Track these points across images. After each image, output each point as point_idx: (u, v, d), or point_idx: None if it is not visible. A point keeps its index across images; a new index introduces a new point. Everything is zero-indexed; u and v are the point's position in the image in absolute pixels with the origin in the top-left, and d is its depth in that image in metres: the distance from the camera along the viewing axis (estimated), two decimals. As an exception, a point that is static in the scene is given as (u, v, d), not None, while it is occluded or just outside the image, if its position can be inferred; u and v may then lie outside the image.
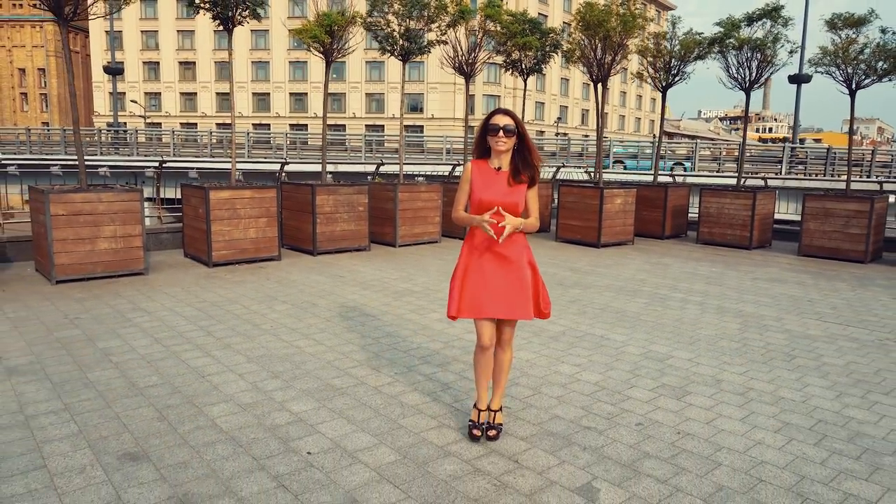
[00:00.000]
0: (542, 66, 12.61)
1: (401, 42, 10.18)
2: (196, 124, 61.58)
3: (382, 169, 12.56)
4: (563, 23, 68.31)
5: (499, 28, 11.25)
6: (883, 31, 9.73)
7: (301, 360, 4.57)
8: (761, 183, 14.29)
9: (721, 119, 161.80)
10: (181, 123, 61.11)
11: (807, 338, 5.51)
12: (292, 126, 59.00)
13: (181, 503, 2.69)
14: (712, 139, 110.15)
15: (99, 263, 7.10)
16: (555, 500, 2.80)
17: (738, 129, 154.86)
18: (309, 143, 38.15)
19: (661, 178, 13.52)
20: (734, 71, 11.19)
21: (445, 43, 10.56)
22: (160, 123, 60.71)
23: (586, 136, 60.71)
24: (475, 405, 3.39)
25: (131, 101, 55.42)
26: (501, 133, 3.08)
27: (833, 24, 10.10)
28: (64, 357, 4.52)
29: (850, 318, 6.25)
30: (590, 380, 4.32)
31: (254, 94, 63.28)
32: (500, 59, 12.34)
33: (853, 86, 9.94)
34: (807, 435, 3.53)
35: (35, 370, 4.24)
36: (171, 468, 2.98)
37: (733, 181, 16.13)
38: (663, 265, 9.15)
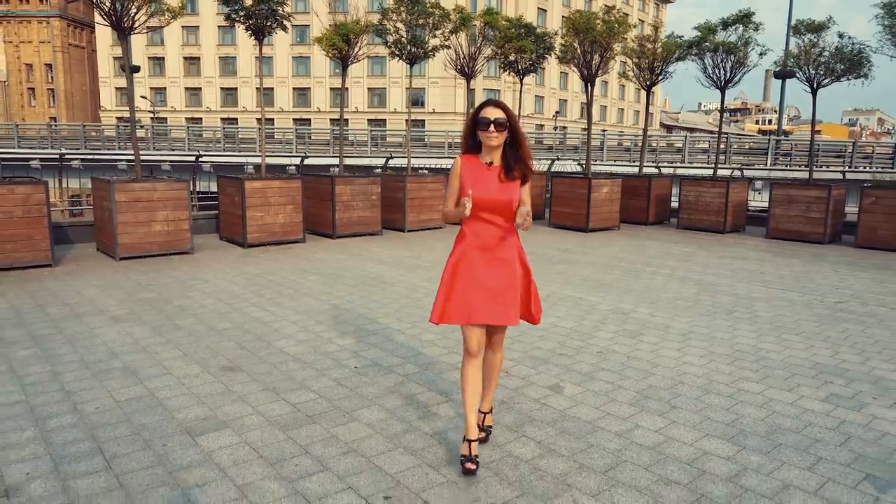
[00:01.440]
0: (538, 67, 13.75)
1: (408, 47, 11.33)
2: (201, 119, 62.75)
3: (388, 162, 13.72)
4: (563, 16, 68.81)
5: (497, 33, 12.38)
6: (840, 35, 10.87)
7: (337, 314, 5.77)
8: (738, 173, 15.42)
9: (721, 111, 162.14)
10: (186, 118, 62.18)
11: (749, 299, 6.70)
12: (295, 121, 60.09)
13: (272, 392, 3.89)
14: (711, 132, 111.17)
15: (154, 243, 8.30)
16: (533, 392, 4.00)
17: (737, 121, 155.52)
18: (313, 137, 39.25)
19: (646, 170, 14.67)
20: (710, 71, 12.35)
21: (448, 47, 11.72)
22: (165, 118, 61.84)
23: (584, 129, 61.80)
24: (465, 437, 2.98)
25: (141, 96, 56.43)
26: (492, 127, 2.83)
27: (797, 30, 11.26)
28: (151, 311, 5.72)
29: (792, 285, 7.44)
30: (566, 326, 5.52)
31: (256, 89, 64.34)
32: (499, 60, 13.49)
33: (814, 85, 11.11)
34: (724, 359, 4.72)
35: (133, 319, 5.45)
36: (259, 374, 4.18)
37: (723, 172, 17.25)
38: (643, 246, 10.34)
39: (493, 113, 2.84)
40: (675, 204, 13.81)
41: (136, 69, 29.40)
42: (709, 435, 3.42)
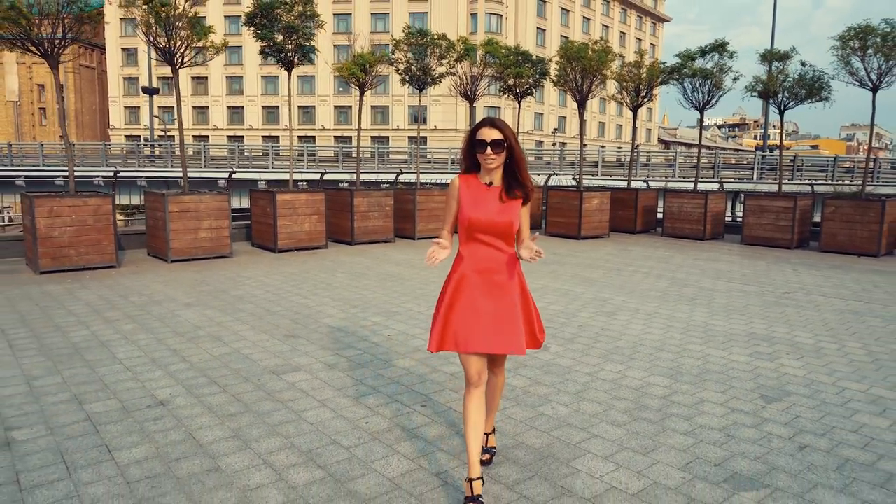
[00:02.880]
0: (534, 90, 15.08)
1: (418, 75, 12.67)
2: (207, 136, 64.30)
3: (390, 177, 15.01)
4: (561, 35, 70.08)
5: (497, 61, 13.72)
6: (803, 63, 12.22)
7: (368, 301, 7.00)
8: (716, 186, 16.64)
9: (719, 126, 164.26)
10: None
11: (711, 291, 7.93)
12: (300, 138, 61.69)
13: (327, 350, 5.11)
14: (709, 147, 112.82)
15: (200, 248, 9.56)
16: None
17: (735, 136, 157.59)
18: (318, 154, 40.76)
19: (634, 184, 15.96)
20: (689, 94, 13.68)
21: (454, 74, 13.06)
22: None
23: (585, 144, 63.14)
24: (467, 477, 2.79)
25: (154, 115, 58.03)
26: (489, 150, 2.70)
27: (765, 58, 12.62)
28: (214, 299, 6.96)
29: (752, 281, 8.67)
30: (554, 308, 6.75)
31: (263, 107, 66.04)
32: (498, 84, 14.82)
33: (781, 107, 12.43)
34: (678, 330, 5.94)
35: (202, 305, 6.69)
36: (314, 339, 5.41)
37: (714, 185, 18.56)
38: (627, 251, 11.58)
39: (489, 134, 2.70)
40: (660, 214, 15.09)
41: (156, 91, 30.89)
42: (654, 374, 4.64)
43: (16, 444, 3.35)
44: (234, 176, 13.62)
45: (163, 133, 58.75)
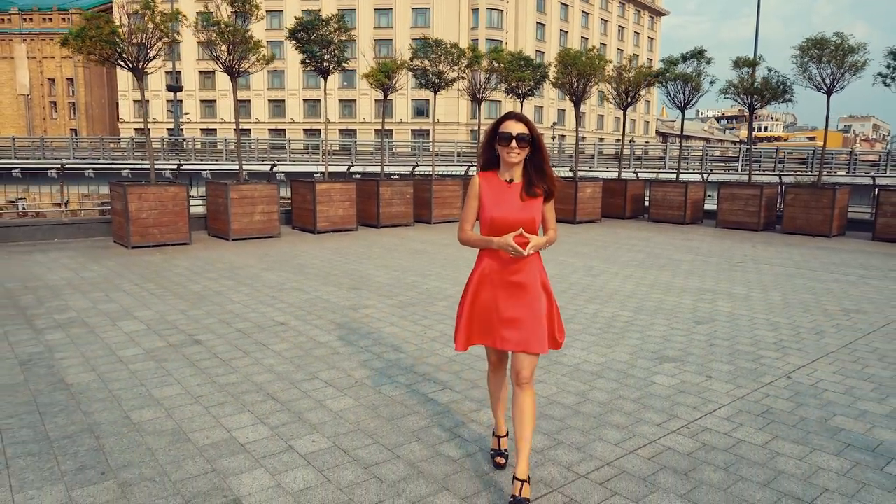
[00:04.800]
0: (535, 92, 16.85)
1: (433, 79, 14.45)
2: (215, 130, 65.96)
3: (391, 169, 16.79)
4: (560, 30, 71.20)
5: (502, 66, 15.49)
6: (769, 69, 14.03)
7: (405, 267, 8.84)
8: (698, 177, 18.48)
9: (718, 119, 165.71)
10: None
11: (680, 261, 9.77)
12: (305, 131, 63.41)
13: (384, 297, 6.95)
14: (706, 139, 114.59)
15: (254, 229, 11.39)
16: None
17: (733, 128, 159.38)
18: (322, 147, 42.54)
19: (625, 175, 17.77)
20: (672, 95, 15.47)
21: (464, 78, 14.85)
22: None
23: (583, 137, 64.97)
24: (494, 433, 3.14)
25: (169, 110, 59.63)
26: (514, 143, 2.67)
27: (737, 64, 14.40)
28: (282, 266, 8.79)
29: (715, 254, 10.51)
30: (549, 273, 8.59)
31: (269, 100, 67.64)
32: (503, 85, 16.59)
33: (750, 108, 14.24)
34: (646, 287, 7.78)
35: (275, 269, 8.52)
36: (372, 290, 7.24)
37: (697, 176, 20.39)
38: (615, 232, 13.43)
39: (515, 127, 2.67)
40: (647, 202, 16.90)
41: (179, 88, 32.63)
42: (622, 310, 6.49)
43: (200, 343, 5.20)
44: (275, 169, 15.45)
45: (181, 127, 60.48)
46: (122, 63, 10.17)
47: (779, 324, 6.05)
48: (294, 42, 12.28)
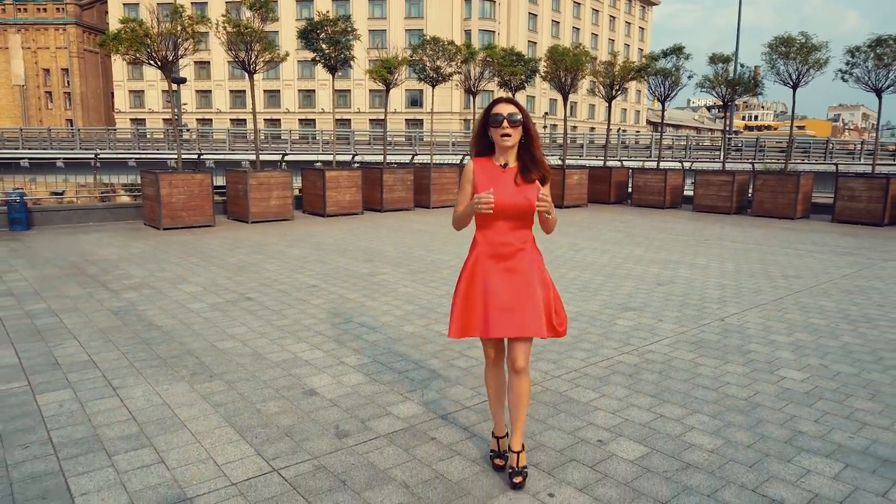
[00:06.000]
0: (526, 85, 17.99)
1: (431, 74, 15.56)
2: (211, 120, 66.65)
3: (393, 158, 17.93)
4: (552, 20, 71.87)
5: (495, 61, 16.61)
6: (741, 65, 15.22)
7: (410, 244, 10.01)
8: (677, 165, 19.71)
9: (709, 108, 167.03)
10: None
11: (654, 239, 10.99)
12: (300, 121, 64.21)
13: (396, 266, 8.14)
14: (696, 128, 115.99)
15: (270, 213, 12.52)
16: (520, 267, 8.31)
17: (723, 117, 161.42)
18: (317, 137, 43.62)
19: (611, 163, 18.98)
20: (654, 88, 16.66)
21: (460, 73, 15.97)
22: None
23: (575, 127, 66.22)
24: (493, 433, 3.09)
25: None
26: (506, 123, 2.68)
27: (712, 59, 15.59)
28: (302, 244, 9.95)
29: (685, 232, 11.74)
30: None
31: (266, 90, 68.27)
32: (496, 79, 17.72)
33: (724, 100, 15.45)
34: (620, 258, 8.99)
35: (296, 247, 9.68)
36: (385, 261, 8.42)
37: (676, 164, 21.61)
38: (599, 216, 14.65)
39: (505, 109, 2.71)
40: (630, 189, 18.12)
41: (183, 80, 33.45)
42: (597, 276, 7.70)
43: (252, 300, 6.37)
44: (285, 157, 16.53)
45: (177, 115, 61.05)
46: (152, 62, 11.22)
47: (726, 285, 7.29)
48: (304, 41, 13.35)
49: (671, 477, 2.99)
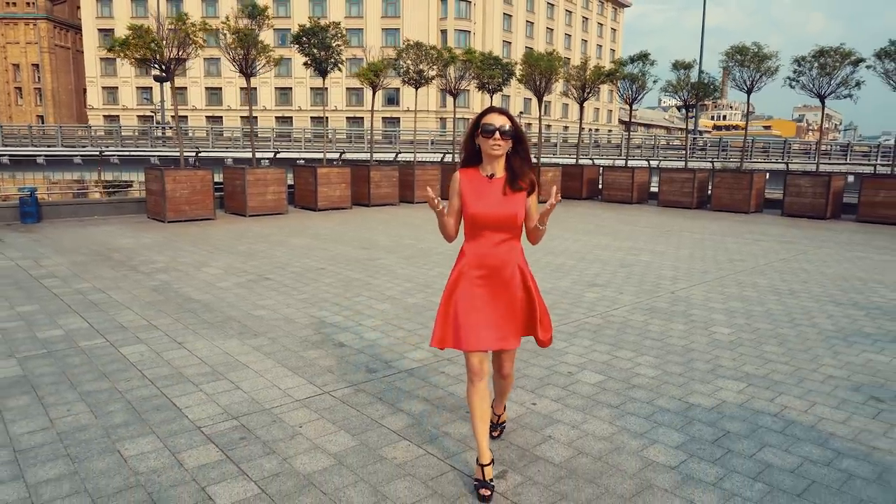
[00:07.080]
0: (503, 87, 19.06)
1: (414, 77, 16.54)
2: (221, 118, 66.52)
3: (377, 156, 18.85)
4: (526, 21, 73.12)
5: (474, 66, 17.65)
6: (701, 72, 16.50)
7: (401, 234, 10.99)
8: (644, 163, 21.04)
9: (679, 108, 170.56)
10: (206, 116, 65.79)
11: (621, 230, 12.14)
12: (276, 118, 64.55)
13: (391, 253, 9.12)
14: (667, 127, 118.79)
15: (266, 207, 13.38)
16: (501, 254, 9.36)
17: (692, 116, 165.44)
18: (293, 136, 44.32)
19: (583, 161, 20.16)
20: (622, 92, 17.87)
21: (441, 76, 16.98)
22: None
23: (549, 126, 67.64)
24: (477, 461, 2.88)
25: (145, 97, 59.88)
26: (497, 135, 2.67)
27: (675, 66, 16.86)
28: (301, 234, 10.86)
29: (650, 225, 12.93)
30: (518, 238, 10.88)
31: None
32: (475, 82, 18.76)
33: (686, 104, 16.73)
34: (589, 246, 10.10)
35: (297, 236, 10.59)
36: (381, 249, 9.40)
37: (643, 163, 22.93)
38: (572, 210, 15.80)
39: (497, 120, 2.69)
40: (601, 185, 19.34)
41: (166, 79, 33.93)
42: (568, 260, 8.79)
43: (270, 280, 7.30)
44: (278, 155, 17.31)
45: (152, 112, 60.85)
46: (156, 66, 12.00)
47: (679, 267, 8.43)
48: (297, 46, 14.21)
49: (621, 392, 4.06)
